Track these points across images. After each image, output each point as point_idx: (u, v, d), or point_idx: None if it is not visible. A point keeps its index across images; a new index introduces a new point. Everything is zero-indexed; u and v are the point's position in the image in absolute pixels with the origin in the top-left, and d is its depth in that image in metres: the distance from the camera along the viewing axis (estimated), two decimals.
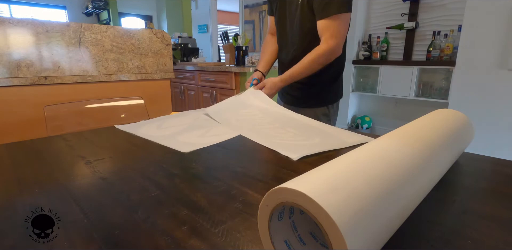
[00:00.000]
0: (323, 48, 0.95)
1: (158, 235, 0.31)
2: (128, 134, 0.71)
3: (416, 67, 2.46)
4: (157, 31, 1.49)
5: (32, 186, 0.43)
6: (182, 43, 3.30)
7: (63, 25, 1.20)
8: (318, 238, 0.28)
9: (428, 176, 0.32)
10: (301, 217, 0.28)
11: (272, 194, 0.24)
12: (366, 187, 0.23)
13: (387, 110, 2.97)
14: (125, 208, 0.37)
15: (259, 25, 3.89)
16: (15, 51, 1.11)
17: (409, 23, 2.56)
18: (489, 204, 0.37)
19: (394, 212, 0.25)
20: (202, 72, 2.47)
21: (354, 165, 0.27)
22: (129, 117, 1.12)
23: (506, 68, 1.77)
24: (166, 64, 1.54)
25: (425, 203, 0.34)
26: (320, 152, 0.56)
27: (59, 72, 1.22)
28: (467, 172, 0.48)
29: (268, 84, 0.98)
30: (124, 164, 0.53)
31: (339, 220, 0.19)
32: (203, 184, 0.44)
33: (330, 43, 0.94)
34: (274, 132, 0.68)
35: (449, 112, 0.49)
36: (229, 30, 4.15)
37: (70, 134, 0.72)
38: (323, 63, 0.98)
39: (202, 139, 0.64)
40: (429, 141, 0.36)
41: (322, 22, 0.95)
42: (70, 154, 0.58)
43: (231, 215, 0.35)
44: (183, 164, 0.53)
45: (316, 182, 0.23)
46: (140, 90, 1.47)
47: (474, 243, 0.29)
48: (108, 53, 1.34)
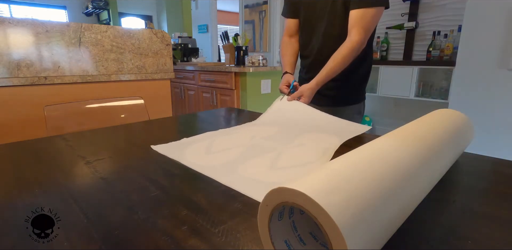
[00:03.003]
0: (355, 40, 0.91)
1: (158, 235, 0.31)
2: None
3: (416, 67, 2.46)
4: (157, 31, 1.49)
5: (32, 186, 0.43)
6: (182, 43, 3.30)
7: (63, 25, 1.20)
8: (318, 238, 0.28)
9: (428, 176, 0.32)
10: (301, 217, 0.28)
11: (272, 194, 0.24)
12: (366, 187, 0.23)
13: (387, 110, 2.97)
14: (125, 208, 0.37)
15: (259, 25, 3.89)
16: (15, 51, 1.11)
17: (409, 23, 2.56)
18: (489, 204, 0.37)
19: (394, 212, 0.25)
20: (202, 72, 2.47)
21: (354, 165, 0.27)
22: (129, 117, 1.12)
23: (506, 68, 1.77)
24: (166, 64, 1.54)
25: (425, 203, 0.34)
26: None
27: (59, 72, 1.22)
28: (467, 172, 0.48)
29: (306, 92, 0.91)
30: (124, 164, 0.53)
31: (339, 220, 0.19)
32: (203, 184, 0.44)
33: (361, 35, 0.91)
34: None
35: (449, 112, 0.49)
36: (229, 30, 4.15)
37: (70, 134, 0.72)
38: (354, 57, 0.95)
39: (273, 176, 0.47)
40: (429, 141, 0.36)
41: (356, 12, 0.91)
42: (70, 154, 0.58)
43: (231, 215, 0.35)
44: (183, 164, 0.53)
45: (316, 182, 0.23)
46: (140, 90, 1.47)
47: (474, 243, 0.29)
48: (108, 53, 1.34)
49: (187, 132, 0.72)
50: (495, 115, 1.87)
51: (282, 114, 0.87)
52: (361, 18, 0.91)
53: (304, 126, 0.77)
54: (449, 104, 2.11)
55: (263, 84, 2.25)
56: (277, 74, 2.33)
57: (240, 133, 0.71)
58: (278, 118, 0.85)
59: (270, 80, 2.29)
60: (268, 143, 0.63)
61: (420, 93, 2.55)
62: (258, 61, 2.22)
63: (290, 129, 0.75)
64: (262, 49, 3.91)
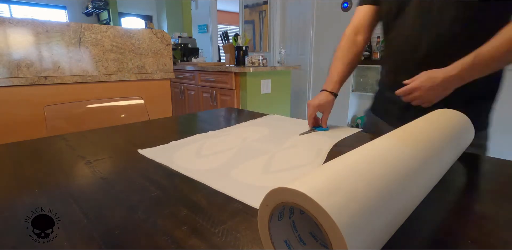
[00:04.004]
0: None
1: (158, 235, 0.31)
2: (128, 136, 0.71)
3: None
4: (157, 31, 1.49)
5: (32, 186, 0.43)
6: (182, 43, 3.30)
7: (63, 25, 1.20)
8: (318, 238, 0.28)
9: (428, 176, 0.32)
10: (301, 217, 0.28)
11: (272, 194, 0.24)
12: (366, 187, 0.23)
13: None
14: (125, 208, 0.37)
15: (259, 25, 3.89)
16: (15, 51, 1.11)
17: None
18: (489, 204, 0.37)
19: (394, 212, 0.25)
20: (202, 72, 2.47)
21: (354, 165, 0.27)
22: (129, 117, 1.12)
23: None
24: (166, 64, 1.54)
25: (425, 203, 0.34)
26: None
27: (59, 72, 1.22)
28: (467, 172, 0.48)
29: (422, 78, 0.58)
30: (124, 164, 0.53)
31: (339, 220, 0.19)
32: (203, 184, 0.44)
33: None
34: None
35: (449, 112, 0.49)
36: (229, 30, 4.15)
37: (70, 134, 0.72)
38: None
39: (266, 180, 0.45)
40: (429, 141, 0.36)
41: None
42: (70, 154, 0.58)
43: (231, 215, 0.35)
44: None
45: (316, 182, 0.23)
46: (140, 90, 1.47)
47: (474, 243, 0.29)
48: (108, 53, 1.34)
49: (187, 132, 0.72)
50: (495, 115, 1.87)
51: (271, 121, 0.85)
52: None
53: (294, 128, 0.75)
54: None
55: (263, 84, 2.25)
56: (277, 74, 2.33)
57: (231, 135, 0.69)
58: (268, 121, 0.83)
59: (270, 80, 2.28)
60: (260, 145, 0.62)
61: None
62: (258, 61, 2.22)
63: (281, 130, 0.73)
64: (262, 49, 3.91)
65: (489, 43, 0.54)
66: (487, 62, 0.54)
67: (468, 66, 0.54)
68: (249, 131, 0.73)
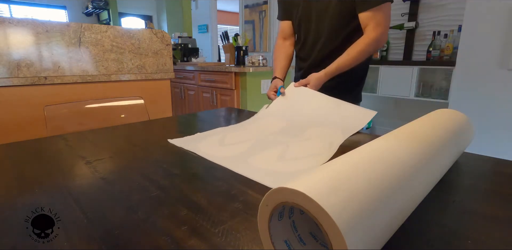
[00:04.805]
0: (372, 36, 0.90)
1: (158, 235, 0.31)
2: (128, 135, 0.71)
3: (416, 67, 2.46)
4: (157, 31, 1.49)
5: (32, 186, 0.43)
6: (182, 43, 3.30)
7: (63, 25, 1.20)
8: (318, 238, 0.28)
9: (428, 176, 0.32)
10: (301, 217, 0.28)
11: (272, 194, 0.24)
12: (366, 187, 0.23)
13: (387, 110, 2.97)
14: (125, 208, 0.37)
15: (259, 25, 3.89)
16: (15, 51, 1.11)
17: (409, 23, 2.56)
18: (489, 204, 0.37)
19: (394, 212, 0.25)
20: (202, 72, 2.47)
21: (354, 165, 0.27)
22: (129, 117, 1.12)
23: (506, 68, 1.77)
24: (166, 64, 1.54)
25: (425, 203, 0.34)
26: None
27: (59, 72, 1.22)
28: (467, 172, 0.48)
29: (313, 81, 0.91)
30: (124, 164, 0.53)
31: (339, 220, 0.19)
32: (203, 184, 0.44)
33: (378, 31, 0.90)
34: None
35: (449, 112, 0.49)
36: (229, 30, 4.15)
37: (70, 134, 0.72)
38: (371, 53, 0.94)
39: (282, 166, 0.51)
40: (429, 141, 0.36)
41: (364, 14, 0.92)
42: (70, 154, 0.58)
43: (231, 215, 0.35)
44: (183, 164, 0.53)
45: (316, 182, 0.23)
46: (140, 90, 1.47)
47: (474, 243, 0.29)
48: (108, 53, 1.34)
49: (187, 132, 0.72)
50: (495, 115, 1.87)
51: (289, 103, 0.89)
52: (372, 18, 0.91)
53: (310, 117, 0.80)
54: (449, 104, 2.11)
55: (263, 84, 2.25)
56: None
57: (251, 128, 0.76)
58: (286, 109, 0.87)
59: (270, 80, 2.28)
60: (277, 138, 0.68)
61: (420, 93, 2.54)
62: (258, 61, 2.22)
63: (297, 123, 0.78)
64: (262, 49, 3.91)
65: (346, 53, 0.92)
66: (344, 68, 0.93)
67: (332, 72, 0.92)
68: (268, 124, 0.79)
